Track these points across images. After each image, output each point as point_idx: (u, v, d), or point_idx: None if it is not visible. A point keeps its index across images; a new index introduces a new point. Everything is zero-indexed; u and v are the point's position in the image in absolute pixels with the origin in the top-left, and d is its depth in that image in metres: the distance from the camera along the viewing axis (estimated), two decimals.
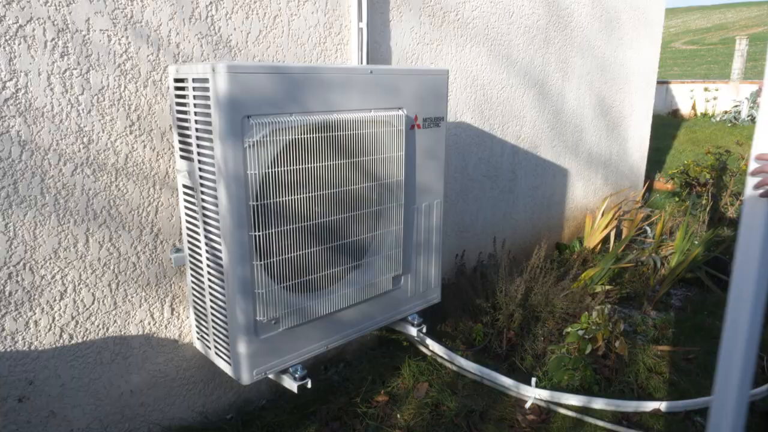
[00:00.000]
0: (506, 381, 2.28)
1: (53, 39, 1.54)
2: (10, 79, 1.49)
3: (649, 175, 6.06)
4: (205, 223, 1.60)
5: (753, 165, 1.26)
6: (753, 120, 10.82)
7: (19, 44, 1.49)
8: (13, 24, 1.47)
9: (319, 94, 1.56)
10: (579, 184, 4.00)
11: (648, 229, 4.16)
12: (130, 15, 1.67)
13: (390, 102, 1.76)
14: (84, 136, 1.64)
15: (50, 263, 1.64)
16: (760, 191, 1.23)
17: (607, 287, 3.09)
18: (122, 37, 1.66)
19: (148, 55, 1.72)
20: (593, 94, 3.92)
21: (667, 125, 10.70)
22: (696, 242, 3.54)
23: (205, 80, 1.42)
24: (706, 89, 12.42)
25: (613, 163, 4.41)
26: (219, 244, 1.54)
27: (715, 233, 3.79)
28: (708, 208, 4.36)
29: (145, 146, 1.77)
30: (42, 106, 1.55)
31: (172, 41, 1.77)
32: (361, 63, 2.23)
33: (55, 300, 1.67)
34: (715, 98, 12.30)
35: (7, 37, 1.47)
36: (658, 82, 12.64)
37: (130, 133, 1.73)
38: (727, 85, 12.42)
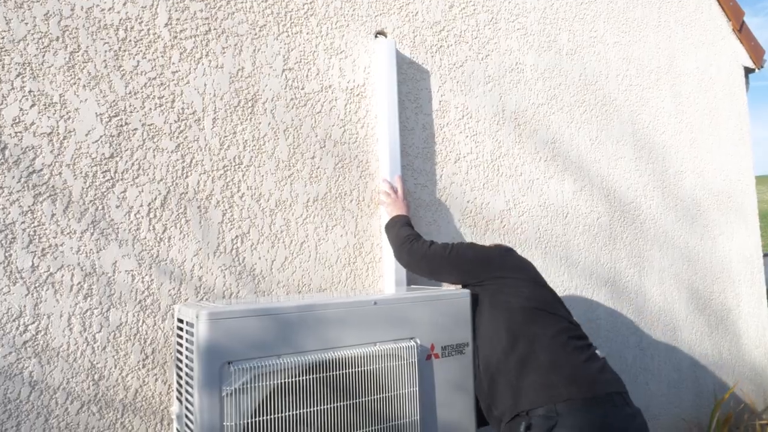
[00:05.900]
0: None
1: (79, 283, 1.66)
2: (33, 323, 1.59)
3: None
4: None
5: None
6: None
7: (46, 290, 1.61)
8: (44, 273, 1.61)
9: (314, 332, 1.49)
10: (682, 393, 3.40)
11: None
12: (156, 254, 1.78)
13: (399, 332, 1.64)
14: (95, 372, 1.66)
15: None
16: None
17: None
18: (146, 275, 1.76)
19: (169, 290, 1.79)
20: (683, 288, 3.51)
21: None
22: None
23: (192, 325, 1.41)
24: None
25: (726, 365, 3.75)
26: None
27: None
28: None
29: (156, 379, 1.75)
30: (58, 346, 1.62)
31: (195, 275, 1.84)
32: (394, 281, 2.17)
33: None
34: None
35: (37, 285, 1.60)
36: None
37: (143, 367, 1.73)
38: None
